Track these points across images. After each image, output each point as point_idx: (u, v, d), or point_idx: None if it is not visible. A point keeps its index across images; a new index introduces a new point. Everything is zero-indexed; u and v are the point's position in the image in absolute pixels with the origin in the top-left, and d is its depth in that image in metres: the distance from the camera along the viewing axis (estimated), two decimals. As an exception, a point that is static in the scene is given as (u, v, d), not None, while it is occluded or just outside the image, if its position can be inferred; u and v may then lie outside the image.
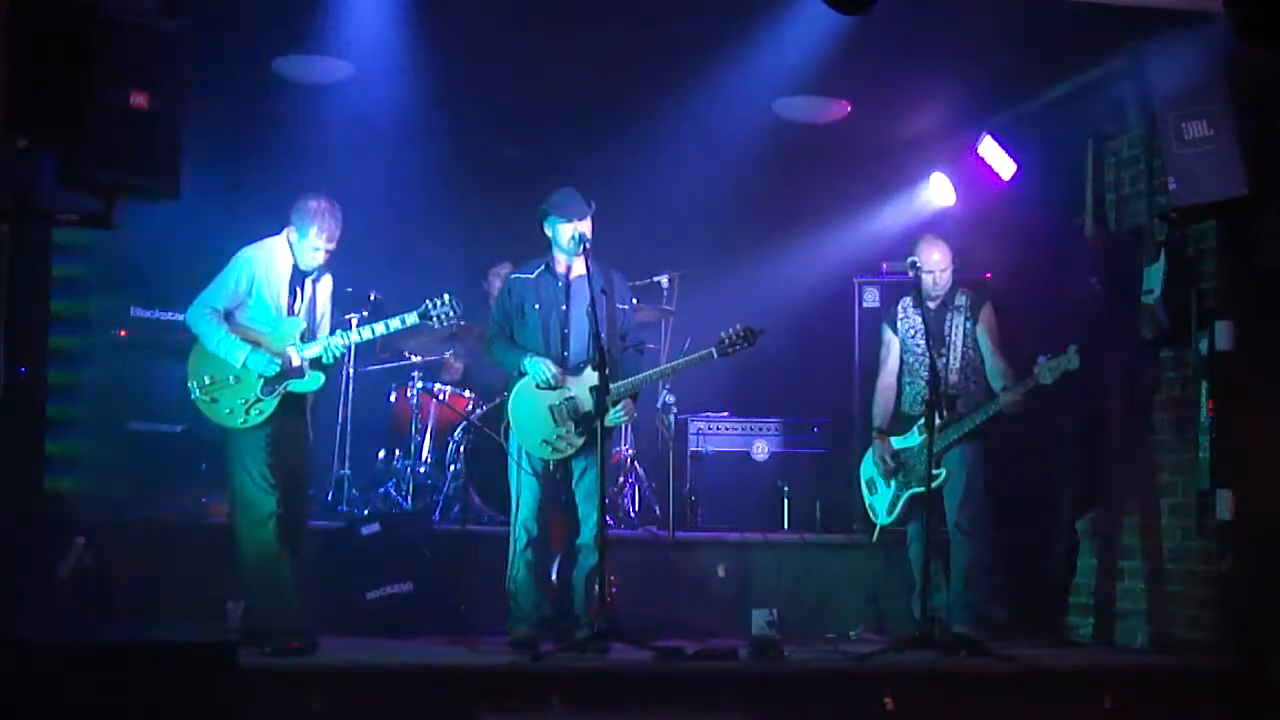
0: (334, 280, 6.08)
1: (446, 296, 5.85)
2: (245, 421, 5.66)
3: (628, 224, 6.78)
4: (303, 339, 5.78)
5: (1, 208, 4.72)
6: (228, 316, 5.73)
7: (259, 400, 5.67)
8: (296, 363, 5.72)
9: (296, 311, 5.84)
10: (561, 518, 6.10)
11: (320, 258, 5.82)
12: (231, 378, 5.68)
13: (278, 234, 5.83)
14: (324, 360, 5.78)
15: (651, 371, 6.23)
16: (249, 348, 5.66)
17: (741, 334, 5.95)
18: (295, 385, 5.74)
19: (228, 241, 5.87)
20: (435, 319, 5.87)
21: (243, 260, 5.76)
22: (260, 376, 5.66)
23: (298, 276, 5.86)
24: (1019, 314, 6.78)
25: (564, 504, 6.07)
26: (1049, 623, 7.07)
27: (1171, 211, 6.22)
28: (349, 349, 6.35)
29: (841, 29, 6.24)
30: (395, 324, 5.88)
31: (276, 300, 5.79)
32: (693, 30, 6.59)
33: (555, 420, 5.92)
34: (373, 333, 5.87)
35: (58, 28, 4.00)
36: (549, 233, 6.05)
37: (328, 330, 5.93)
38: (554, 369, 5.91)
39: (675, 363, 6.27)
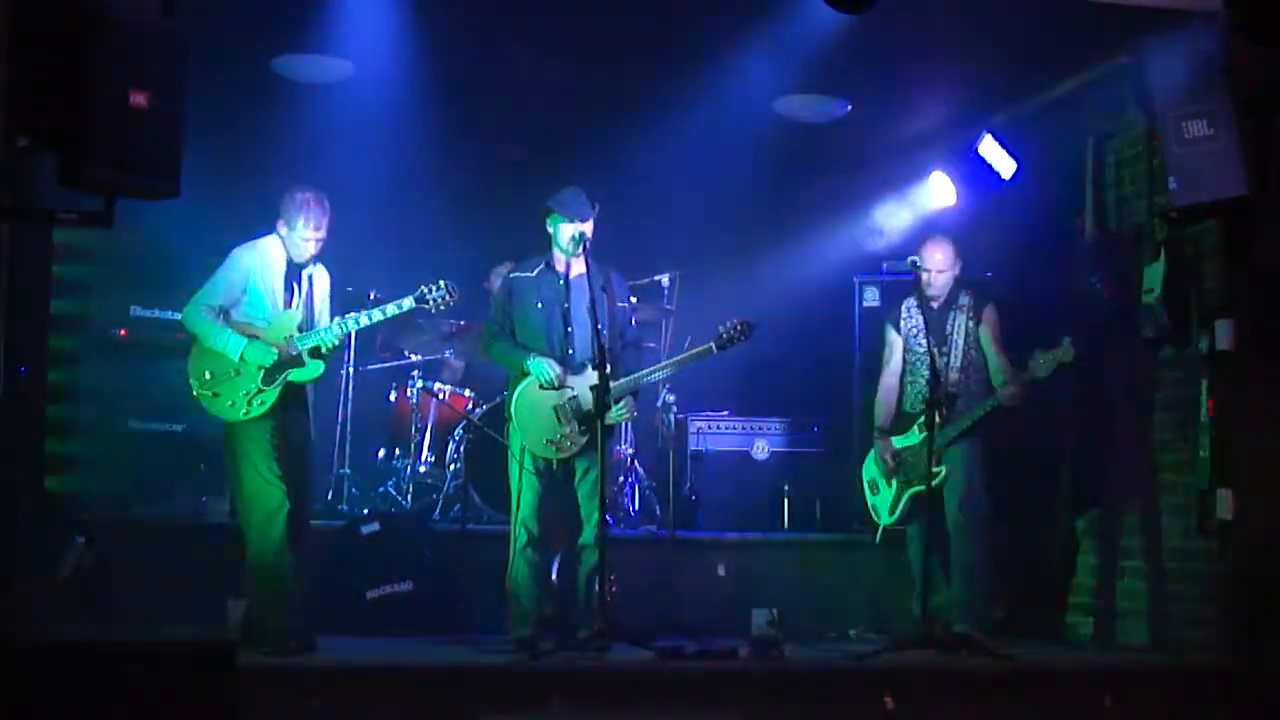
0: (334, 280, 6.09)
1: (442, 282, 5.83)
2: (248, 413, 5.66)
3: (628, 224, 6.78)
4: (300, 330, 5.78)
5: (1, 207, 4.72)
6: (224, 314, 5.74)
7: (260, 391, 5.67)
8: (294, 353, 5.73)
9: (294, 305, 5.84)
10: (563, 517, 6.10)
11: (312, 248, 5.83)
12: (232, 371, 5.68)
13: (270, 233, 5.84)
14: (323, 349, 5.78)
15: (653, 368, 6.24)
16: (246, 340, 5.67)
17: (739, 328, 5.97)
18: (295, 375, 5.74)
19: (227, 241, 5.87)
20: (431, 303, 5.85)
21: (236, 259, 5.77)
22: (260, 367, 5.66)
23: (293, 271, 5.86)
24: (1019, 313, 6.78)
25: (565, 503, 6.06)
26: (1049, 623, 7.07)
27: (1171, 211, 6.22)
28: (348, 339, 6.36)
29: (841, 29, 6.24)
30: (391, 309, 5.86)
31: (273, 296, 5.80)
32: (693, 29, 6.59)
33: (560, 420, 5.92)
34: (370, 319, 5.87)
35: (58, 28, 3.99)
36: (550, 230, 6.06)
37: (327, 321, 5.93)
38: (558, 368, 5.91)
39: (676, 358, 6.29)
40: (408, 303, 5.86)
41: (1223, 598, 6.07)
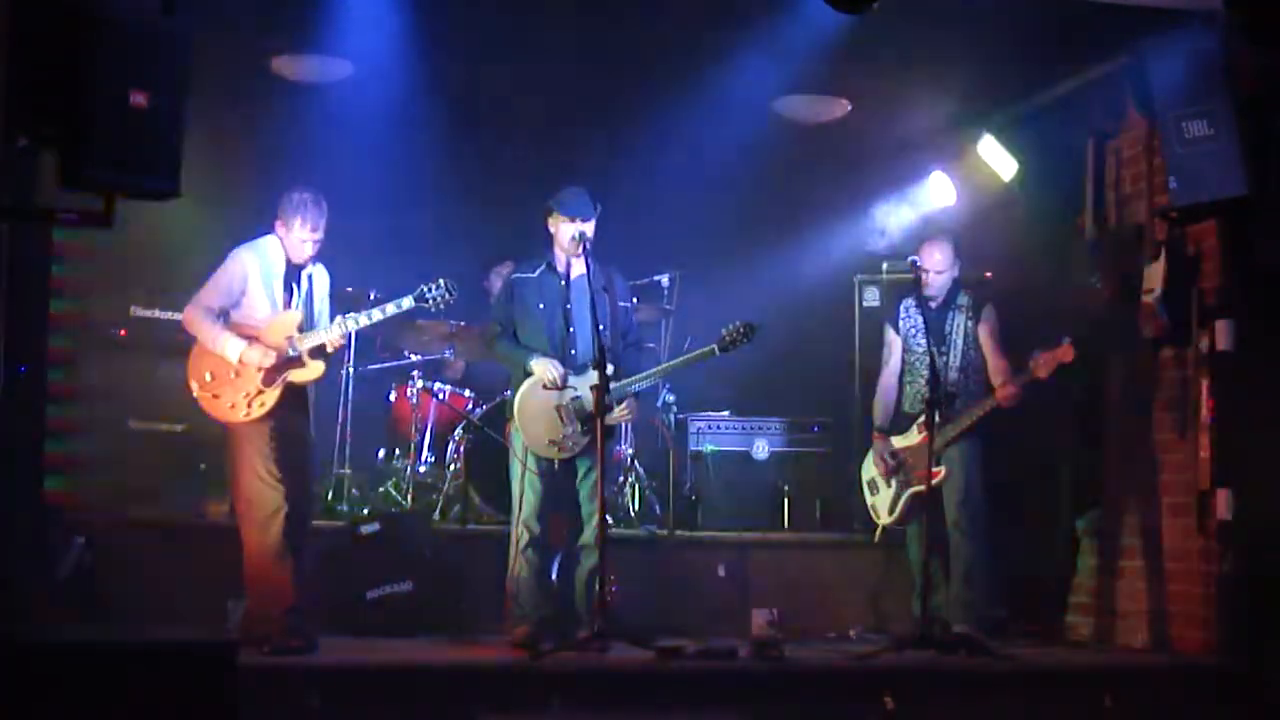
0: (334, 280, 6.09)
1: (442, 281, 5.84)
2: (248, 414, 5.66)
3: (628, 224, 6.78)
4: (300, 330, 5.78)
5: (1, 208, 4.72)
6: (223, 315, 5.74)
7: (260, 392, 5.67)
8: (294, 353, 5.73)
9: (293, 305, 5.84)
10: (563, 517, 6.10)
11: (310, 249, 5.84)
12: (231, 373, 5.68)
13: (269, 233, 5.84)
14: (326, 349, 5.79)
15: (655, 369, 6.26)
16: (245, 342, 5.67)
17: (742, 330, 5.99)
18: (295, 375, 5.74)
19: (227, 241, 5.88)
20: (431, 302, 5.85)
21: (235, 259, 5.78)
22: (259, 369, 5.66)
23: (292, 271, 5.87)
24: (1019, 313, 6.78)
25: (566, 504, 6.07)
26: (1049, 623, 7.07)
27: (1171, 211, 6.22)
28: (348, 339, 6.36)
29: (841, 29, 6.24)
30: (391, 308, 5.86)
31: (272, 296, 5.80)
32: (693, 29, 6.59)
33: (562, 420, 5.92)
34: (369, 319, 5.87)
35: (58, 28, 3.99)
36: (551, 230, 6.06)
37: (327, 321, 5.93)
38: (560, 369, 5.91)
39: (678, 360, 6.30)
40: (407, 302, 5.86)
41: (1223, 598, 6.07)
